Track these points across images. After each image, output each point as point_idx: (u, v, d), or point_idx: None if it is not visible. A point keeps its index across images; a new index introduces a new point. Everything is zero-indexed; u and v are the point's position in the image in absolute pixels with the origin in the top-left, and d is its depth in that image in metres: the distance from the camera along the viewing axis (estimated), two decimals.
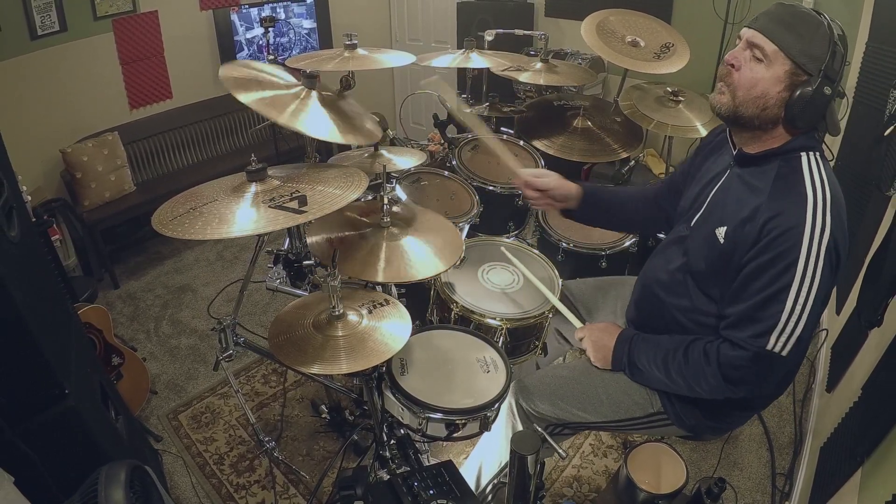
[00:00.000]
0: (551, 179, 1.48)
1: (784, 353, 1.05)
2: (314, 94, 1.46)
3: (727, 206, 1.17)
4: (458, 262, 1.42)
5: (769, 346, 1.05)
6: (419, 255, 1.35)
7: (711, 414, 1.29)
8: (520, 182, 1.50)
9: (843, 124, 2.21)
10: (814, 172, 1.07)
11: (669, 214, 1.48)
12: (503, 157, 1.61)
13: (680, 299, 1.27)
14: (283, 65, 2.30)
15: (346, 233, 1.43)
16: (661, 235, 1.95)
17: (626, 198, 1.58)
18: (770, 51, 1.05)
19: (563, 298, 1.61)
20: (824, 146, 1.15)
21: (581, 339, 1.40)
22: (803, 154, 1.10)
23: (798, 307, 1.02)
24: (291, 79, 1.53)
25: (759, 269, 1.06)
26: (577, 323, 1.44)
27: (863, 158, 2.04)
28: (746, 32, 1.10)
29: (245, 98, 1.35)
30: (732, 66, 1.11)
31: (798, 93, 1.04)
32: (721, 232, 1.15)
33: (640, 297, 1.42)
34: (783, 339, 1.04)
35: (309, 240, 1.43)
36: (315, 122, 1.37)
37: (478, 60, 2.16)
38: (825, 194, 1.04)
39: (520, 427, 1.42)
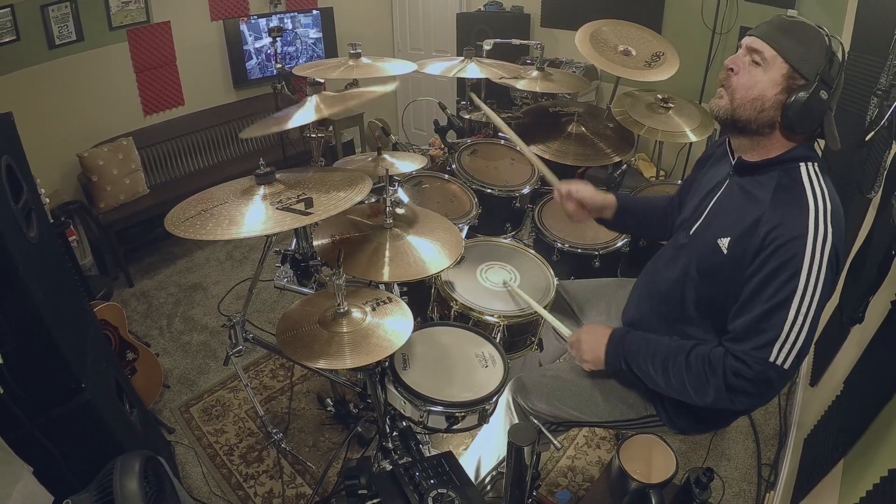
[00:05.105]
0: (586, 191, 1.45)
1: (786, 365, 1.00)
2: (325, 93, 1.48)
3: (729, 215, 1.13)
4: (458, 262, 1.42)
5: (772, 359, 1.00)
6: (420, 255, 1.35)
7: (702, 419, 1.27)
8: (558, 194, 1.47)
9: None
10: (814, 182, 1.04)
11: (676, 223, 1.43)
12: (541, 170, 1.57)
13: (675, 309, 1.23)
14: (290, 72, 2.30)
15: (352, 234, 1.43)
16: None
17: (648, 206, 1.54)
18: (768, 55, 1.04)
19: (559, 297, 1.60)
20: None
21: (572, 345, 1.33)
22: (802, 164, 1.07)
23: (801, 317, 0.97)
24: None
25: (763, 280, 1.01)
26: (565, 332, 1.38)
27: (845, 162, 2.04)
28: (747, 39, 1.09)
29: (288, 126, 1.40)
30: (732, 69, 1.10)
31: (794, 96, 1.02)
32: (724, 242, 1.10)
33: (637, 303, 1.38)
34: (785, 350, 0.99)
35: (316, 242, 1.43)
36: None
37: (475, 69, 2.16)
38: (826, 204, 1.01)
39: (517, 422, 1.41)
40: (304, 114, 1.41)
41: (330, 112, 1.41)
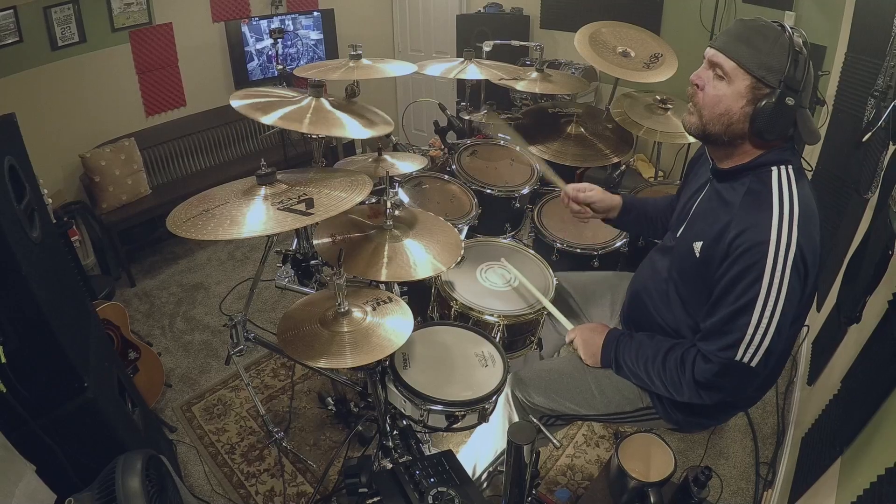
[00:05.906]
0: (594, 194, 1.48)
1: (753, 363, 1.03)
2: (324, 101, 1.46)
3: (705, 220, 1.15)
4: (457, 262, 1.42)
5: (737, 357, 1.04)
6: (420, 256, 1.35)
7: (697, 412, 1.28)
8: (564, 196, 1.51)
9: (823, 131, 2.22)
10: (783, 187, 1.04)
11: None
12: (551, 177, 1.64)
13: (663, 309, 1.26)
14: (292, 74, 2.30)
15: (352, 234, 1.43)
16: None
17: (653, 208, 1.56)
18: (729, 68, 1.03)
19: (560, 290, 1.60)
20: (802, 158, 1.12)
21: (572, 341, 1.39)
22: (774, 168, 1.07)
23: (765, 320, 1.00)
24: (292, 93, 1.55)
25: (728, 284, 1.04)
26: (567, 325, 1.43)
27: (842, 163, 2.04)
28: (708, 52, 1.08)
29: (267, 119, 1.37)
30: (697, 85, 1.10)
31: (760, 106, 1.02)
32: (697, 246, 1.13)
33: (630, 301, 1.40)
34: (751, 350, 1.03)
35: (316, 242, 1.43)
36: (347, 124, 1.44)
37: (475, 70, 2.16)
38: (792, 208, 1.01)
39: (516, 417, 1.42)
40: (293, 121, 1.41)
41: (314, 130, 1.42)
